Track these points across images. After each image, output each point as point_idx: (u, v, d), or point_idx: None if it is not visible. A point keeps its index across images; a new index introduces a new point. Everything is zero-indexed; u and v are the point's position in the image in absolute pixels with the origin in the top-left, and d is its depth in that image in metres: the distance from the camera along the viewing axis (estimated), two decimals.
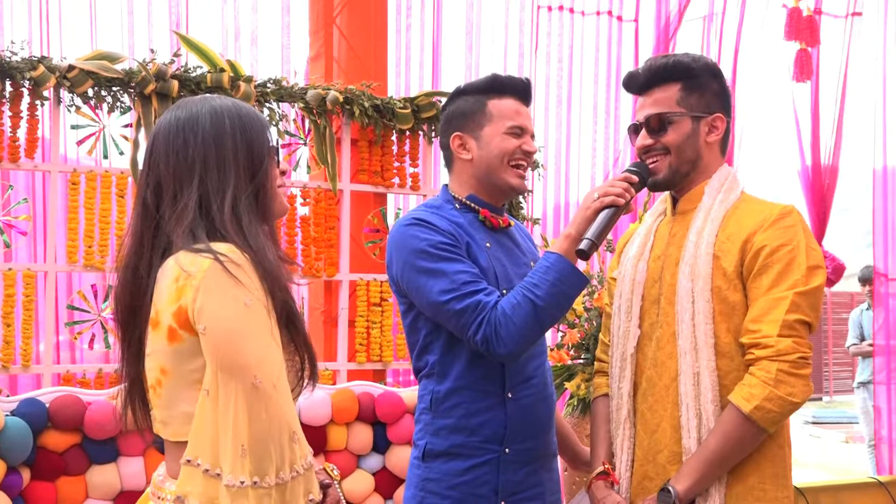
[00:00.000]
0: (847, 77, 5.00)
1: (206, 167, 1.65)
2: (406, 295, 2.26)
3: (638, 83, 2.20)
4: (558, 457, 2.44)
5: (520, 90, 2.35)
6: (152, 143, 1.71)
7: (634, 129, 2.20)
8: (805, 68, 4.83)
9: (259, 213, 1.69)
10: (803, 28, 4.83)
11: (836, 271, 4.92)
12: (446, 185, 2.40)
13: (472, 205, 2.33)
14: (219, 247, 1.58)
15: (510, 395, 2.24)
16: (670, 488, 2.00)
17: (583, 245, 2.07)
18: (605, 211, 2.09)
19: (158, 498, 1.66)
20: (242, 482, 1.49)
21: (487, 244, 2.29)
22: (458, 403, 2.24)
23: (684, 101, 2.13)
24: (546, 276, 2.11)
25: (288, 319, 1.65)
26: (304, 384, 1.70)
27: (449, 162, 2.39)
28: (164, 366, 1.62)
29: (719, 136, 2.16)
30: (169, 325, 1.59)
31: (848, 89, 5.01)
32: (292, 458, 1.54)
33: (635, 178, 2.14)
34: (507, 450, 2.24)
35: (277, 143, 1.77)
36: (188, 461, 1.54)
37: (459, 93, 2.38)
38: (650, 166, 2.17)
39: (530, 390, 2.28)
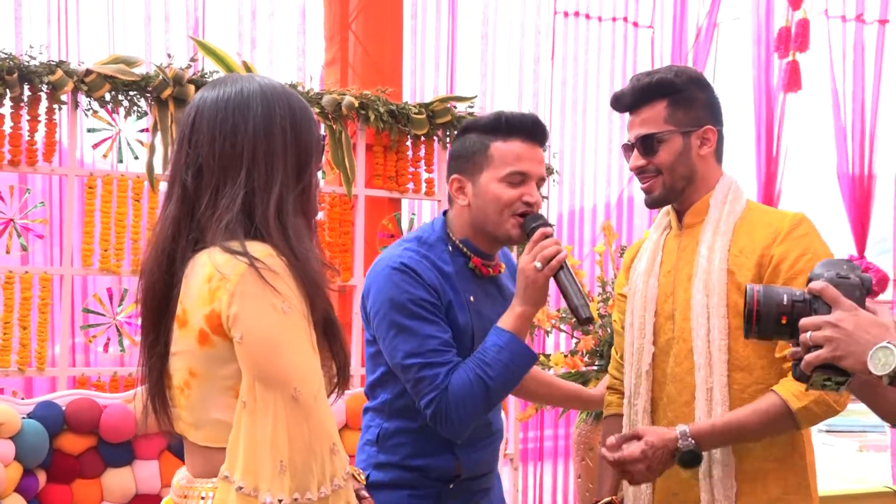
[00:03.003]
0: (881, 84, 4.98)
1: (254, 160, 1.55)
2: (374, 334, 2.22)
3: (624, 103, 2.19)
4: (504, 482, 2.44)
5: (527, 130, 2.18)
6: (194, 118, 1.59)
7: (629, 148, 2.19)
8: (794, 79, 4.74)
9: (302, 212, 1.60)
10: (795, 37, 4.75)
11: (881, 283, 4.89)
12: (445, 215, 2.28)
13: (465, 249, 2.23)
14: (255, 249, 1.50)
15: (459, 443, 2.19)
16: (686, 428, 2.01)
17: (584, 314, 2.06)
18: (562, 272, 2.08)
19: (184, 497, 1.59)
20: (281, 500, 1.42)
21: (471, 297, 2.20)
22: (405, 443, 2.20)
23: (672, 118, 2.12)
24: (499, 357, 2.07)
25: (326, 327, 1.57)
26: (336, 392, 1.63)
27: (450, 200, 2.27)
28: (193, 368, 1.54)
29: (712, 147, 2.15)
30: (200, 328, 1.51)
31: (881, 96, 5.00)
32: (333, 470, 1.48)
33: (550, 229, 2.12)
34: (451, 486, 2.21)
35: (323, 139, 1.70)
36: (225, 477, 1.47)
37: (466, 130, 2.24)
38: (643, 186, 2.16)
39: (481, 432, 2.25)
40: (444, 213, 2.29)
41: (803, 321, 1.52)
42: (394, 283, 2.13)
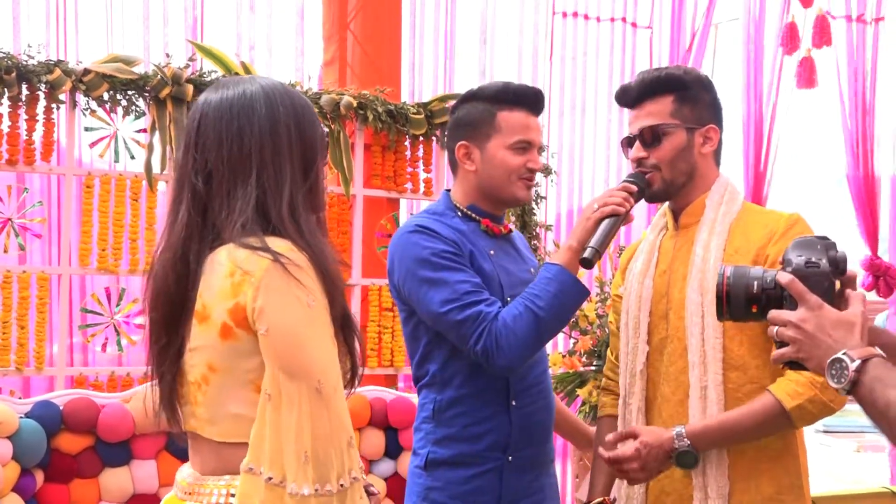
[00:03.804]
0: (877, 83, 4.98)
1: (262, 161, 1.57)
2: (407, 302, 2.25)
3: (630, 97, 2.19)
4: (555, 463, 2.44)
5: (531, 101, 2.31)
6: (199, 122, 1.61)
7: (628, 142, 2.19)
8: (810, 75, 4.73)
9: (312, 208, 1.62)
10: (815, 34, 4.75)
11: None
12: (447, 192, 2.37)
13: (473, 215, 2.31)
14: (276, 244, 1.52)
15: (514, 403, 2.23)
16: (681, 429, 2.00)
17: (587, 254, 2.08)
18: (607, 220, 2.10)
19: (192, 494, 1.59)
20: (306, 492, 1.43)
21: (491, 251, 2.27)
22: (462, 412, 2.22)
23: (678, 113, 2.12)
24: (548, 288, 2.10)
25: (343, 321, 1.59)
26: (349, 387, 1.64)
27: (454, 167, 2.36)
28: (213, 362, 1.55)
29: (714, 147, 2.16)
30: (223, 322, 1.52)
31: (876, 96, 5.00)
32: (350, 463, 1.49)
33: (634, 188, 2.13)
34: (510, 458, 2.23)
35: (327, 135, 1.72)
36: (250, 469, 1.47)
37: (470, 97, 2.34)
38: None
39: (534, 398, 2.27)
40: (447, 192, 2.37)
41: (772, 315, 1.51)
42: (413, 242, 2.20)
